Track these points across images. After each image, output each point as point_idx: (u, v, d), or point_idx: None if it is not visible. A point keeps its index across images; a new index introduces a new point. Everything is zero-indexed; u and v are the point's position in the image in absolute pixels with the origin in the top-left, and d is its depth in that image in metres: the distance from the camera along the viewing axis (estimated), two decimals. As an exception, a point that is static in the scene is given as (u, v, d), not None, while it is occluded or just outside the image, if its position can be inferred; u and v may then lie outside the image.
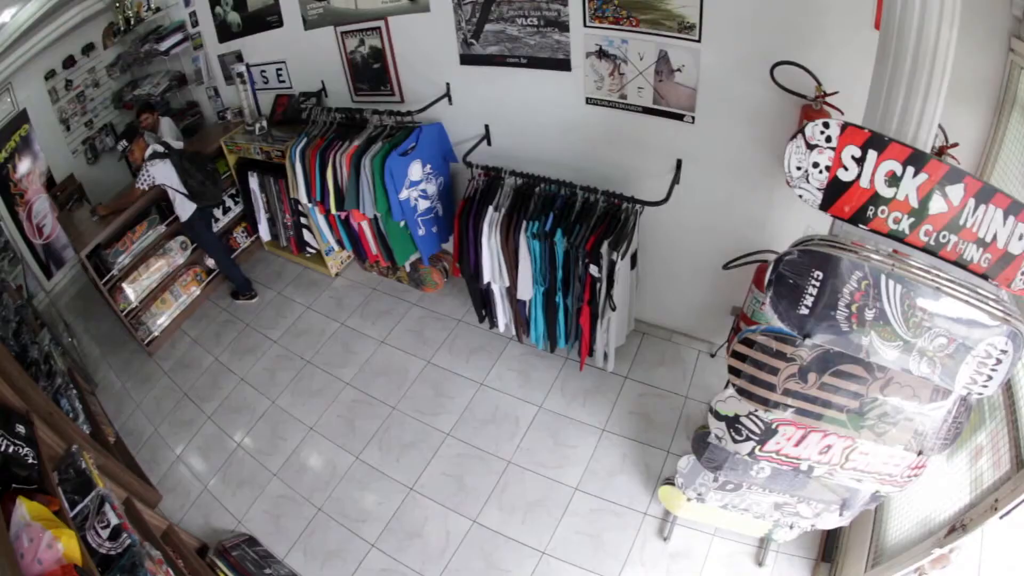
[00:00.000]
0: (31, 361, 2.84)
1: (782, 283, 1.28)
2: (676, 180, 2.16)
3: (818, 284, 1.24)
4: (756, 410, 1.45)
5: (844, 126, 1.23)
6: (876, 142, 1.21)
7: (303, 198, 3.17)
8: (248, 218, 4.34)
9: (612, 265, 2.11)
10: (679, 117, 2.09)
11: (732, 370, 1.43)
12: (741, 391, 1.43)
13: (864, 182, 1.25)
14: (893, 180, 1.22)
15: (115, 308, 3.82)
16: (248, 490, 2.71)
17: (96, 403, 3.28)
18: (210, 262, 4.25)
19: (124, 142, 3.66)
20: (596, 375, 2.73)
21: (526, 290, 2.45)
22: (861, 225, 1.29)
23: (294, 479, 2.67)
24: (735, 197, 2.17)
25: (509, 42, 2.35)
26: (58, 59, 6.05)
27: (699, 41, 1.90)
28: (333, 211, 3.03)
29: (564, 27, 2.17)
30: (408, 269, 3.32)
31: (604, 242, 2.08)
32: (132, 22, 5.17)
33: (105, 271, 3.76)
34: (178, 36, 4.59)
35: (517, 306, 2.62)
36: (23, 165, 5.93)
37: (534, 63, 2.33)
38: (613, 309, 2.26)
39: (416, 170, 2.70)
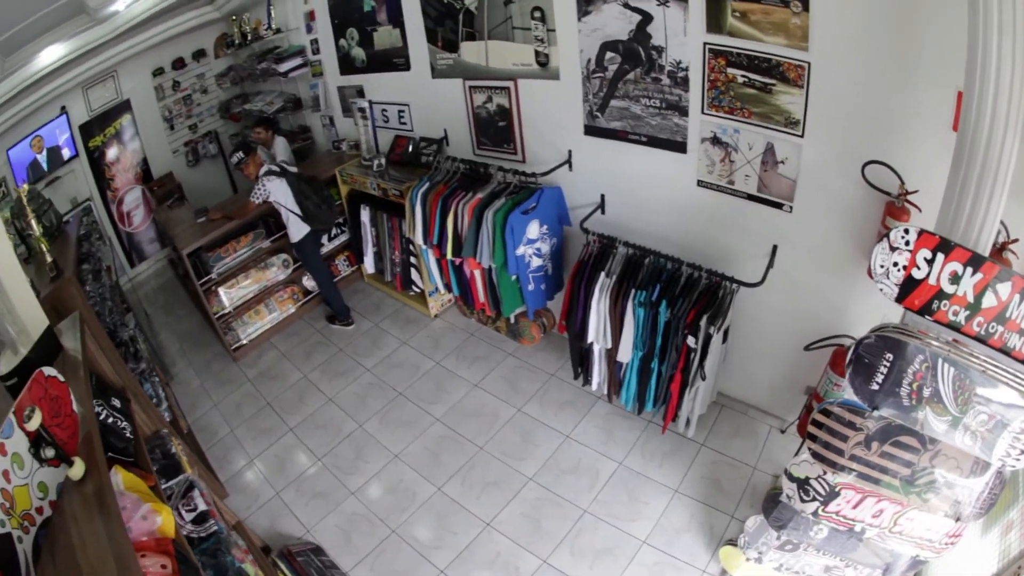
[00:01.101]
0: (120, 342, 3.43)
1: (860, 362, 1.82)
2: (771, 264, 2.70)
3: (888, 364, 1.77)
4: (824, 473, 1.97)
5: (920, 232, 1.79)
6: (944, 246, 1.75)
7: (419, 239, 3.90)
8: (353, 248, 5.19)
9: (708, 338, 2.67)
10: (779, 206, 2.65)
11: (810, 435, 1.95)
12: (815, 455, 1.95)
13: (932, 280, 1.79)
14: (955, 279, 1.75)
15: (208, 310, 4.66)
16: (322, 503, 3.33)
17: (171, 394, 3.96)
18: (310, 284, 5.09)
19: (240, 154, 4.55)
20: (675, 439, 3.26)
21: (626, 353, 3.01)
22: (927, 316, 1.82)
23: (372, 500, 3.28)
24: (821, 284, 2.68)
25: (632, 119, 3.00)
26: (167, 59, 7.45)
27: (802, 136, 2.45)
28: (449, 256, 3.71)
29: (684, 112, 2.78)
30: (512, 320, 3.94)
31: (703, 316, 2.65)
32: (249, 38, 6.32)
33: (204, 273, 4.59)
34: (298, 60, 5.56)
35: (614, 367, 3.19)
36: (118, 152, 7.25)
37: (653, 142, 2.95)
38: (703, 379, 2.80)
39: (534, 229, 3.33)
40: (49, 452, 1.58)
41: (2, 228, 2.12)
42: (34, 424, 1.55)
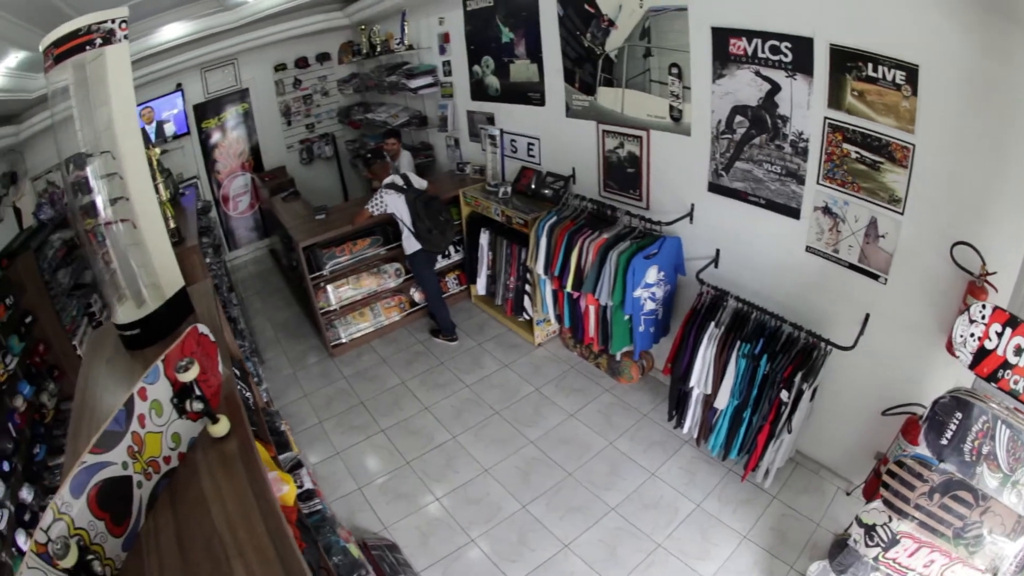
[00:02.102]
0: (230, 317, 4.13)
1: (934, 418, 2.40)
2: (862, 331, 3.20)
3: (957, 422, 2.34)
4: (890, 520, 2.50)
5: (994, 308, 2.36)
6: (1012, 322, 2.32)
7: (540, 269, 4.64)
8: (466, 268, 6.04)
9: (800, 394, 3.21)
10: (875, 277, 3.17)
11: (884, 484, 2.50)
12: (886, 501, 2.49)
13: (1000, 351, 2.36)
14: (1019, 351, 2.32)
15: (313, 305, 5.56)
16: (404, 503, 4.00)
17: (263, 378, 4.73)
18: (418, 296, 5.97)
19: (376, 159, 5.48)
20: (751, 489, 3.80)
21: (723, 400, 3.58)
22: (992, 383, 2.39)
23: (455, 508, 3.93)
24: (903, 353, 3.16)
25: (753, 182, 3.61)
26: (291, 56, 8.76)
27: (902, 214, 2.97)
28: (568, 289, 4.41)
29: (801, 180, 3.36)
30: (617, 358, 4.59)
31: (798, 373, 3.20)
32: (378, 50, 7.34)
33: (316, 268, 5.51)
34: (429, 79, 6.51)
35: (707, 413, 3.78)
36: (228, 138, 8.50)
37: (770, 206, 3.55)
38: (789, 432, 3.34)
39: (652, 274, 3.98)
40: (197, 406, 1.81)
41: (149, 181, 2.62)
42: (190, 376, 1.77)
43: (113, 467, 1.60)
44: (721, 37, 3.44)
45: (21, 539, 4.59)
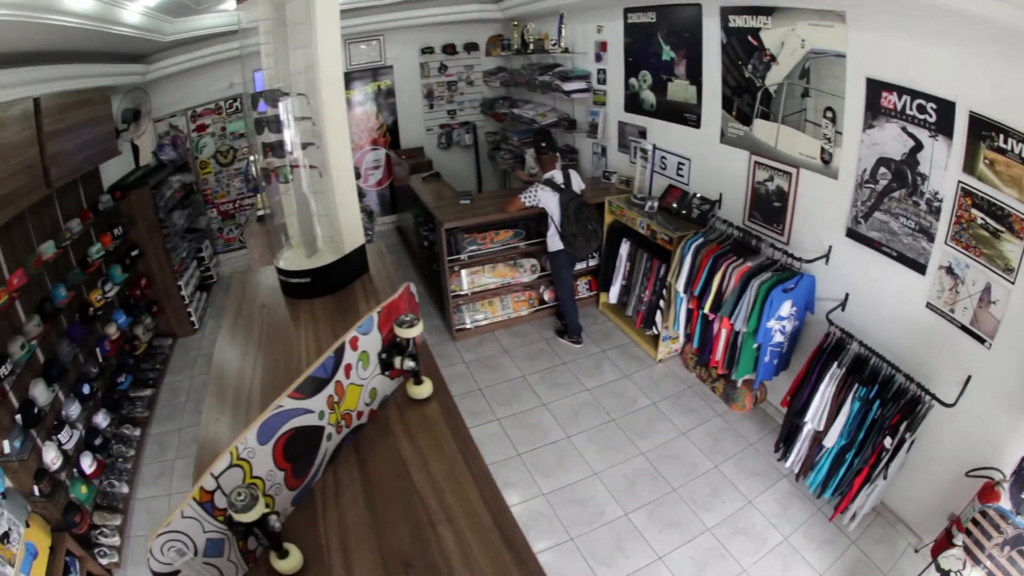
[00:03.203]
0: None
1: (1020, 473, 2.92)
2: (963, 391, 3.62)
3: None
4: (963, 567, 3.01)
5: None
6: None
7: (680, 287, 5.25)
8: (599, 275, 6.75)
9: (901, 442, 3.69)
10: (981, 340, 3.58)
11: (967, 530, 2.98)
12: (966, 547, 2.97)
13: None
14: None
15: (445, 286, 6.35)
16: (509, 492, 4.53)
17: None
18: (547, 295, 6.70)
19: (544, 147, 6.24)
20: (835, 531, 4.28)
21: (832, 439, 4.07)
22: None
23: (559, 505, 4.56)
24: (995, 418, 3.52)
25: (888, 234, 4.06)
26: (439, 41, 9.76)
27: (1013, 283, 3.36)
28: (706, 311, 5.02)
29: (931, 238, 3.79)
30: (738, 384, 5.16)
31: (904, 422, 3.67)
32: (530, 48, 8.09)
33: (455, 251, 6.31)
34: (583, 84, 7.21)
35: (813, 450, 4.30)
36: (364, 111, 9.60)
37: (901, 259, 3.99)
38: (884, 479, 3.81)
39: (786, 308, 4.51)
40: (409, 364, 2.00)
41: (346, 132, 2.89)
42: (414, 332, 1.95)
43: (309, 415, 1.76)
44: (874, 89, 3.94)
45: (86, 462, 5.44)
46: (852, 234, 4.36)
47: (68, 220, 6.30)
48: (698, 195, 5.75)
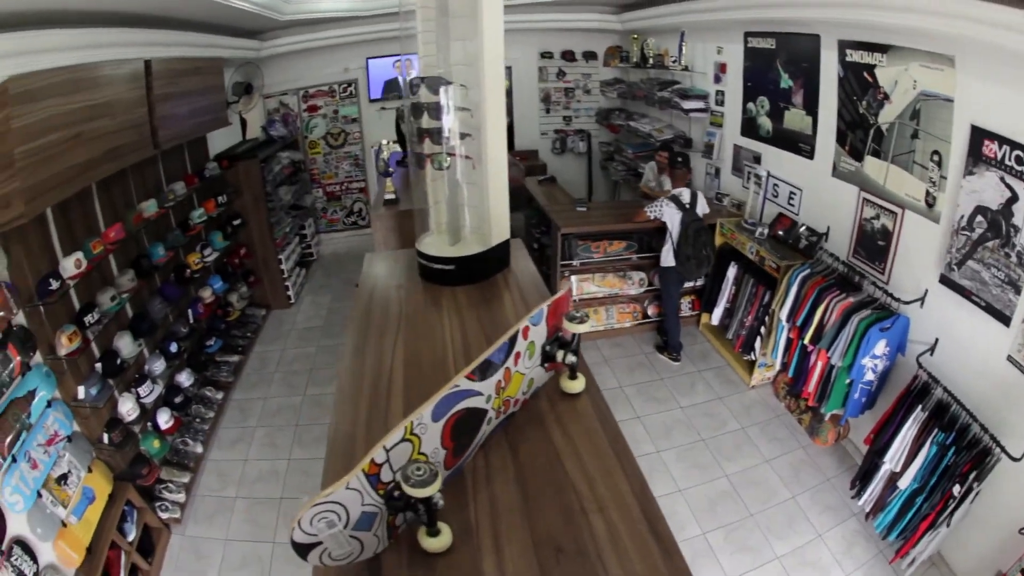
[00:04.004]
0: None
1: None
2: None
3: None
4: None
5: None
6: None
7: (784, 316, 5.57)
8: (704, 296, 7.10)
9: (969, 491, 3.90)
10: None
11: None
12: None
13: None
14: None
15: (554, 291, 6.56)
16: None
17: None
18: (651, 310, 7.10)
19: (681, 161, 6.69)
20: (891, 574, 4.54)
21: (906, 481, 4.31)
22: None
23: None
24: None
25: (979, 283, 4.25)
26: (557, 47, 10.19)
27: None
28: (806, 341, 5.32)
29: (1018, 291, 3.95)
30: (826, 418, 5.44)
31: (974, 471, 3.89)
32: (649, 62, 8.48)
33: (567, 257, 6.78)
34: (701, 104, 7.54)
35: (886, 491, 4.55)
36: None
37: (988, 309, 4.19)
38: (948, 527, 4.03)
39: (881, 347, 4.75)
40: (571, 359, 2.13)
41: (503, 128, 3.04)
42: (583, 328, 2.06)
43: (479, 398, 1.87)
44: (977, 136, 4.14)
45: (163, 418, 5.84)
46: (945, 280, 4.60)
47: (171, 182, 6.80)
48: (806, 226, 6.02)
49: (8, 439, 4.04)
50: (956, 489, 4.05)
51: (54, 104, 4.23)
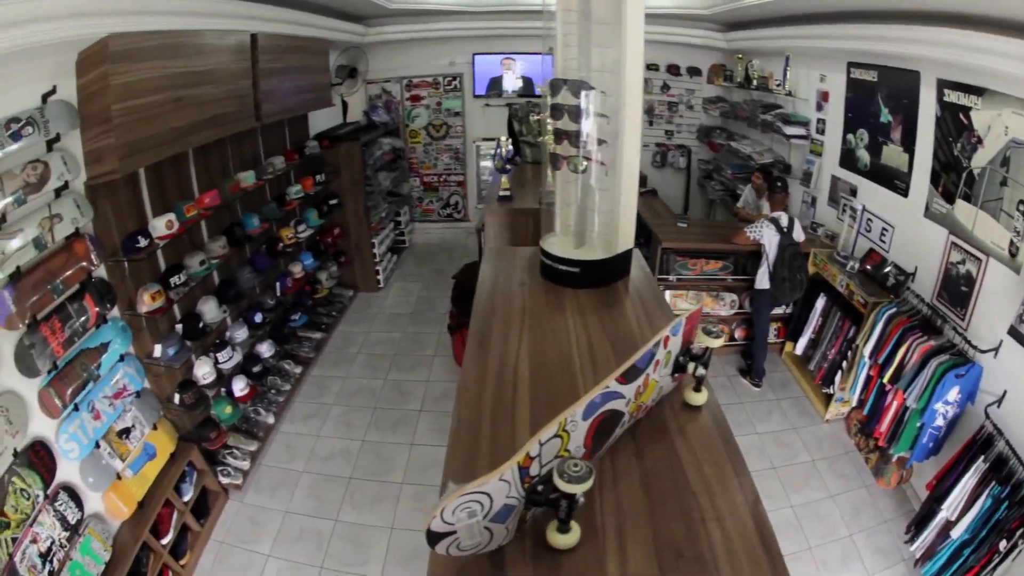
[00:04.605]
0: None
1: None
2: None
3: None
4: None
5: None
6: None
7: (867, 352, 5.73)
8: (791, 324, 7.27)
9: (1013, 547, 4.03)
10: None
11: None
12: None
13: None
14: None
15: None
16: None
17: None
18: (739, 334, 7.31)
19: (780, 185, 7.00)
20: None
21: (959, 530, 4.45)
22: None
23: None
24: None
25: None
26: (663, 59, 10.43)
27: None
28: (885, 380, 5.49)
29: None
30: (892, 459, 5.56)
31: (1022, 528, 4.02)
32: (753, 83, 8.64)
33: (665, 271, 7.04)
34: (802, 131, 7.67)
35: (938, 539, 4.68)
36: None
37: None
38: None
39: (953, 393, 4.87)
40: (701, 372, 2.23)
41: (638, 138, 3.15)
42: (716, 343, 2.16)
43: (621, 400, 1.94)
44: None
45: (238, 385, 6.09)
46: (1013, 332, 4.71)
47: (270, 156, 7.14)
48: (894, 264, 6.15)
49: (72, 387, 4.24)
50: (1002, 544, 4.19)
51: (154, 66, 4.47)
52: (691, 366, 2.25)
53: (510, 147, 5.92)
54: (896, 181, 6.32)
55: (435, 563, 1.67)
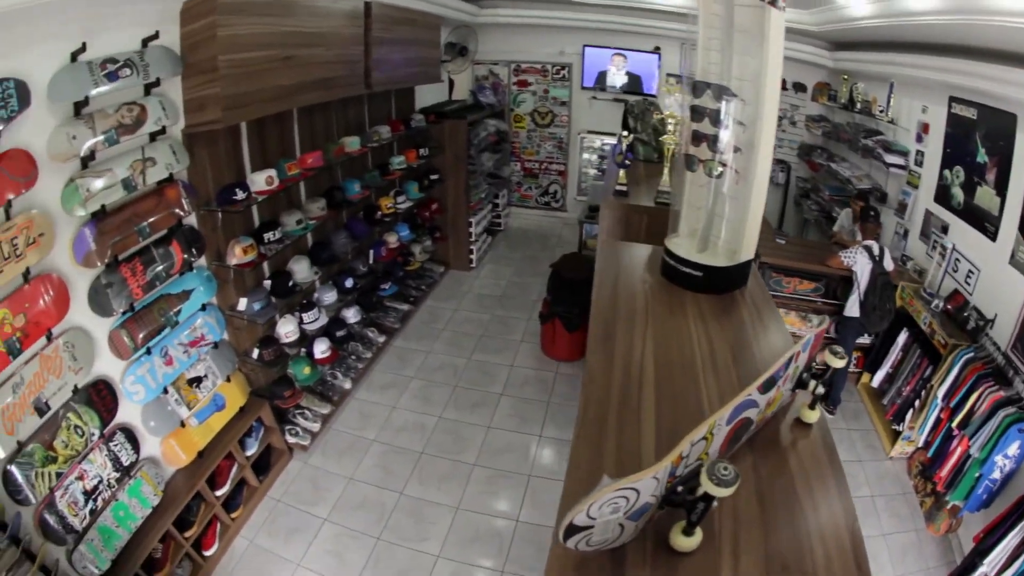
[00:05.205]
0: None
1: None
2: None
3: None
4: None
5: None
6: None
7: (940, 394, 5.82)
8: (870, 356, 7.37)
9: None
10: None
11: None
12: None
13: None
14: None
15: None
16: None
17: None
18: (820, 358, 7.47)
19: (872, 214, 7.17)
20: None
21: None
22: None
23: None
24: None
25: None
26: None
27: None
28: (953, 425, 5.56)
29: None
30: (947, 506, 5.64)
31: None
32: (857, 106, 8.66)
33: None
34: (901, 160, 7.67)
35: None
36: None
37: None
38: None
39: (1014, 448, 4.92)
40: (821, 390, 2.34)
41: (771, 150, 3.15)
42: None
43: (755, 410, 2.01)
44: None
45: (320, 347, 6.24)
46: None
47: (374, 125, 7.39)
48: (975, 307, 6.18)
49: (147, 331, 4.36)
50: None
51: (265, 22, 4.63)
52: (812, 383, 2.34)
53: (631, 141, 6.06)
54: (986, 224, 6.30)
55: (556, 557, 1.73)
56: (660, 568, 1.72)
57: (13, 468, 3.56)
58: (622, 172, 5.30)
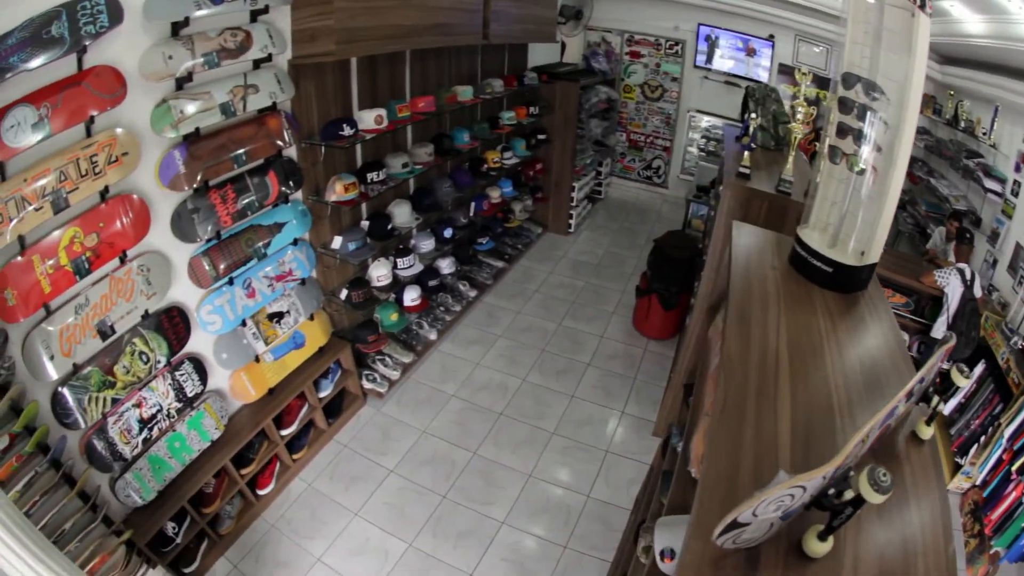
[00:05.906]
0: None
1: None
2: None
3: None
4: None
5: None
6: None
7: (1007, 433, 5.87)
8: (944, 382, 7.43)
9: None
10: None
11: None
12: None
13: None
14: None
15: None
16: None
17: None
18: None
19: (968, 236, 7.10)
20: None
21: None
22: None
23: None
24: None
25: None
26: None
27: None
28: (1013, 468, 5.63)
29: None
30: (988, 552, 5.71)
31: None
32: (960, 124, 8.62)
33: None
34: (998, 187, 7.62)
35: None
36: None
37: None
38: None
39: None
40: (941, 406, 2.28)
41: (909, 151, 3.08)
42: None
43: (893, 418, 2.02)
44: None
45: (411, 295, 6.21)
46: None
47: (487, 77, 7.49)
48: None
49: (231, 261, 4.32)
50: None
51: None
52: (935, 399, 2.28)
53: (759, 124, 6.13)
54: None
55: (691, 552, 1.71)
56: (791, 571, 1.71)
57: (64, 390, 3.57)
58: (747, 154, 5.34)
